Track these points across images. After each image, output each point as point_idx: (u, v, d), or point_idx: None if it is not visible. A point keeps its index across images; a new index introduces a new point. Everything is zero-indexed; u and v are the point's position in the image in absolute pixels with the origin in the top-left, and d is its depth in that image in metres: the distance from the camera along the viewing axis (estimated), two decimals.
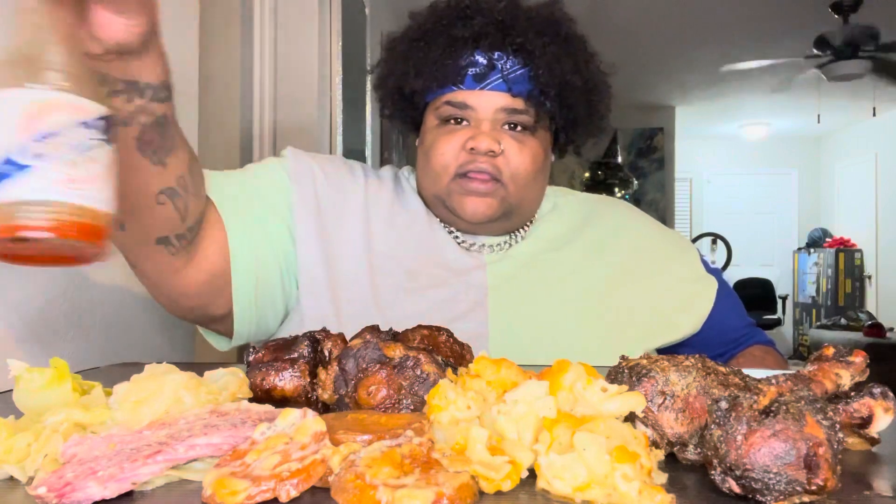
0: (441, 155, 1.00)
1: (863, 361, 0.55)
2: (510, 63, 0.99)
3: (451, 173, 1.00)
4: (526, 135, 1.01)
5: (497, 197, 1.00)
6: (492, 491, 0.42)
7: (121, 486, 0.42)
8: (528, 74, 0.99)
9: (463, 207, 1.00)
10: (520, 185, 1.01)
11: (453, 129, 1.01)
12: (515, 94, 0.99)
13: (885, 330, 5.20)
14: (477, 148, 0.97)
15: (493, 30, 0.99)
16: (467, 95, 1.00)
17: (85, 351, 1.03)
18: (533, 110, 1.00)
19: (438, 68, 0.99)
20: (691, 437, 0.48)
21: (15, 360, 0.56)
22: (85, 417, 0.50)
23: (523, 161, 1.00)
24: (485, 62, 0.99)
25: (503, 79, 0.99)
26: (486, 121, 1.00)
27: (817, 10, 4.33)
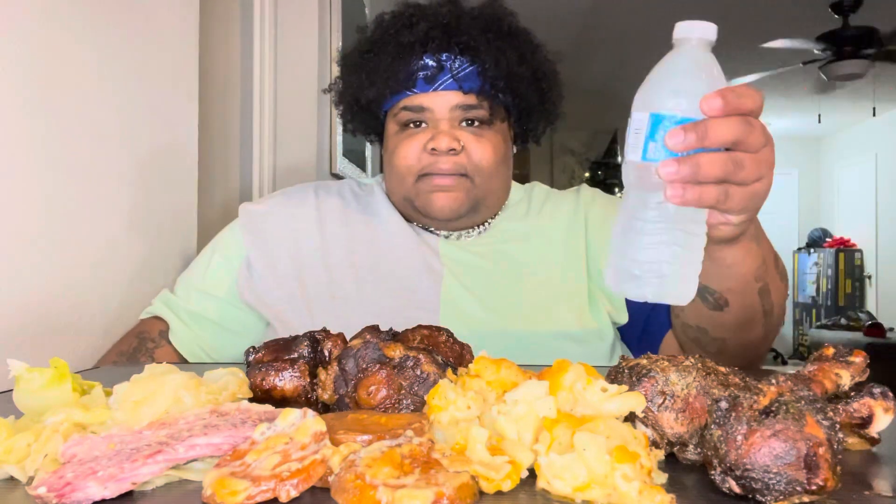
0: (404, 158, 1.05)
1: (863, 361, 0.55)
2: (458, 62, 1.03)
3: (415, 174, 1.05)
4: (483, 129, 1.05)
5: (463, 190, 1.04)
6: (492, 491, 0.42)
7: (121, 486, 0.42)
8: (477, 71, 1.03)
9: (431, 204, 1.04)
10: (485, 178, 1.05)
11: (413, 132, 1.05)
12: (467, 90, 1.03)
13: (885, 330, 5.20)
14: (438, 148, 1.02)
15: (439, 32, 1.03)
16: (422, 98, 1.04)
17: (85, 351, 1.03)
18: (486, 104, 1.04)
19: (390, 75, 1.04)
20: (691, 437, 0.48)
21: (15, 360, 0.56)
22: (85, 417, 0.50)
23: (485, 154, 1.04)
24: (434, 64, 1.03)
25: (453, 78, 1.03)
26: (443, 120, 1.04)
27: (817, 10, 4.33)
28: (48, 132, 0.95)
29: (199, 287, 1.11)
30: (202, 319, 1.09)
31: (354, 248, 1.10)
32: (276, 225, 1.13)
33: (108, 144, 1.09)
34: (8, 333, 0.88)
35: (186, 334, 1.08)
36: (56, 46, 0.97)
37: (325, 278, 1.07)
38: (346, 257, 1.09)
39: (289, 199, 1.17)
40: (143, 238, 1.19)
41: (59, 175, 0.98)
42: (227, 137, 1.83)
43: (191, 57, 1.35)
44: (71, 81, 1.00)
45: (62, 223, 0.98)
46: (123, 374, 0.59)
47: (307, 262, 1.09)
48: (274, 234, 1.12)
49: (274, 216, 1.14)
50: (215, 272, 1.11)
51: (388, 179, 1.11)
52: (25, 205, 0.92)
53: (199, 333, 1.09)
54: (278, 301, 1.07)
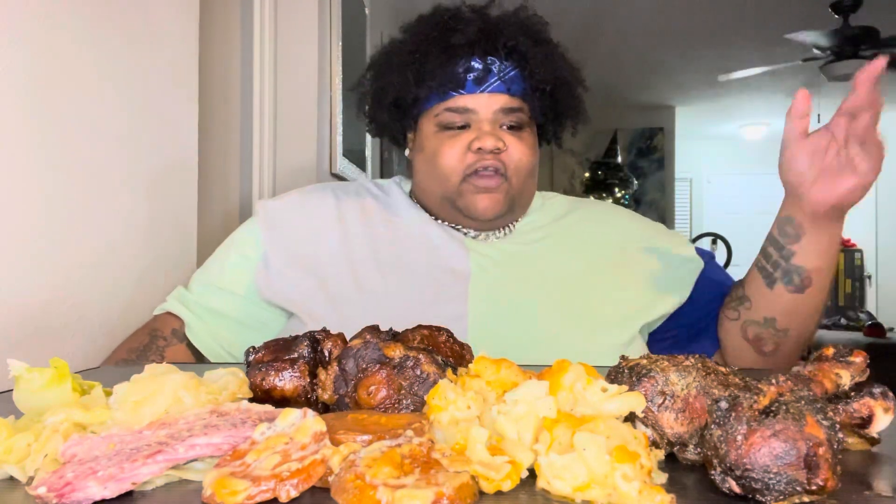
0: (448, 158, 1.06)
1: (863, 361, 0.54)
2: (504, 66, 1.07)
3: (460, 174, 1.06)
4: (522, 132, 1.08)
5: (503, 192, 1.07)
6: (492, 491, 0.42)
7: (121, 486, 0.42)
8: (522, 74, 1.07)
9: (475, 205, 1.07)
10: (521, 178, 1.08)
11: (455, 133, 1.07)
12: (513, 93, 1.06)
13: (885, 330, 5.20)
14: (483, 147, 1.04)
15: (486, 36, 1.06)
16: (468, 100, 1.06)
17: (85, 351, 1.03)
18: (527, 107, 1.08)
19: (440, 75, 1.06)
20: (691, 437, 0.48)
21: (15, 360, 0.56)
22: (85, 417, 0.50)
23: (524, 155, 1.07)
24: (481, 66, 1.06)
25: (501, 80, 1.06)
26: (486, 122, 1.06)
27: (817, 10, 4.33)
28: (48, 133, 0.95)
29: (217, 284, 1.10)
30: (221, 316, 1.08)
31: (376, 244, 1.10)
32: (295, 221, 1.13)
33: (108, 145, 1.09)
34: (8, 333, 0.88)
35: (204, 330, 1.07)
36: (56, 48, 0.97)
37: (348, 273, 1.07)
38: (370, 253, 1.09)
39: (307, 197, 1.17)
40: (144, 238, 1.19)
41: (59, 176, 0.98)
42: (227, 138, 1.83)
43: (191, 57, 1.35)
44: (71, 82, 1.00)
45: (62, 224, 0.98)
46: (123, 374, 0.59)
47: (329, 257, 1.09)
48: (293, 230, 1.12)
49: (292, 212, 1.14)
50: (233, 269, 1.11)
51: (427, 180, 1.11)
52: (26, 206, 0.91)
53: (217, 330, 1.08)
54: (301, 296, 1.06)
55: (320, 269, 1.08)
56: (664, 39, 4.99)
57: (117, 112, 1.11)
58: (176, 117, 1.30)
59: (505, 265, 1.09)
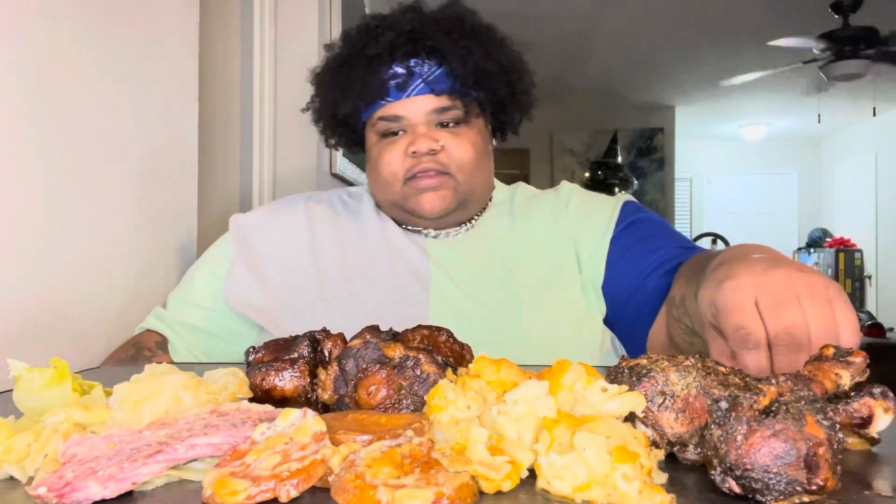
0: (388, 165, 1.08)
1: (863, 361, 0.54)
2: (427, 66, 1.07)
3: (402, 179, 1.08)
4: (460, 127, 1.08)
5: (449, 188, 1.07)
6: (492, 491, 0.42)
7: (121, 486, 0.42)
8: (446, 72, 1.07)
9: (421, 205, 1.07)
10: (467, 174, 1.08)
11: (393, 139, 1.09)
12: (438, 93, 1.06)
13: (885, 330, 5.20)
14: (418, 150, 1.05)
15: (405, 40, 1.06)
16: (396, 107, 1.07)
17: (85, 351, 1.03)
18: (460, 104, 1.07)
19: (362, 87, 1.07)
20: (691, 437, 0.48)
21: (15, 360, 0.56)
22: (85, 417, 0.50)
23: (465, 151, 1.07)
24: (404, 71, 1.07)
25: (424, 82, 1.06)
26: (420, 125, 1.07)
27: (817, 10, 4.33)
28: (48, 133, 0.95)
29: (187, 299, 1.14)
30: (195, 329, 1.12)
31: (344, 251, 1.12)
32: (266, 235, 1.16)
33: (108, 145, 1.09)
34: (8, 333, 0.88)
35: (181, 344, 1.10)
36: (56, 47, 0.97)
37: (315, 281, 1.09)
38: (337, 260, 1.11)
39: (279, 210, 1.20)
40: (144, 238, 1.19)
41: (59, 176, 0.98)
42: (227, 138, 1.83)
43: (191, 57, 1.35)
44: (71, 82, 1.00)
45: (62, 223, 0.98)
46: (123, 374, 0.59)
47: (298, 267, 1.11)
48: (263, 244, 1.15)
49: (263, 227, 1.17)
50: (201, 284, 1.14)
51: (374, 187, 1.14)
52: (26, 205, 0.91)
53: (192, 343, 1.11)
54: (269, 306, 1.09)
55: (287, 280, 1.10)
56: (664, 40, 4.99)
57: (117, 112, 1.11)
58: (176, 117, 1.30)
59: (464, 264, 1.10)
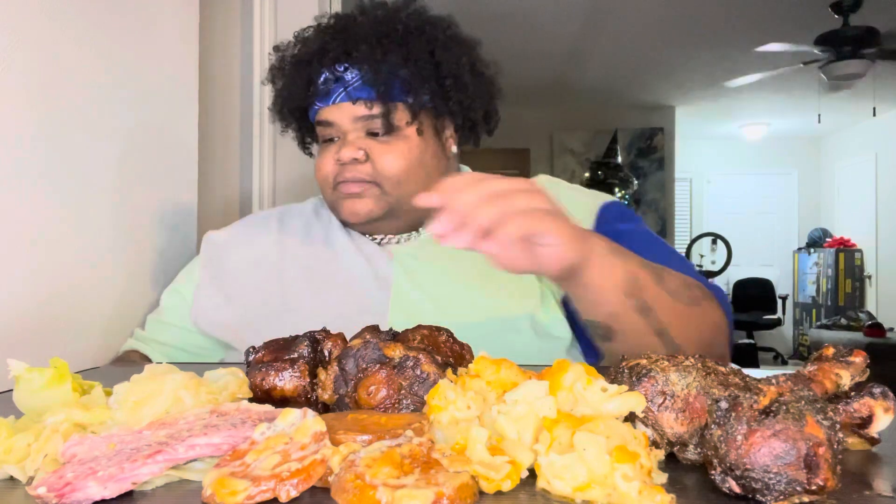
0: (321, 170, 1.08)
1: (863, 361, 0.54)
2: (350, 75, 1.04)
3: (331, 184, 1.07)
4: (391, 136, 1.05)
5: (371, 197, 1.05)
6: (492, 491, 0.42)
7: (121, 486, 0.42)
8: (363, 81, 1.03)
9: (343, 210, 1.07)
10: (394, 184, 1.05)
11: (328, 145, 1.08)
12: (355, 100, 1.03)
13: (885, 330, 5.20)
14: (341, 159, 1.04)
15: (336, 45, 1.03)
16: (327, 112, 1.06)
17: (85, 351, 1.03)
18: (382, 111, 1.03)
19: (295, 91, 1.07)
20: (691, 437, 0.48)
21: (15, 360, 0.56)
22: (85, 417, 0.50)
23: (392, 162, 1.04)
24: (331, 77, 1.04)
25: (345, 90, 1.04)
26: (349, 132, 1.05)
27: (817, 10, 4.33)
28: (48, 133, 0.95)
29: (158, 319, 1.15)
30: (169, 347, 1.13)
31: (312, 263, 1.11)
32: (235, 252, 1.16)
33: (107, 145, 1.09)
34: (8, 333, 0.88)
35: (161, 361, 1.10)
36: (56, 47, 0.97)
37: (280, 294, 1.08)
38: (303, 273, 1.10)
39: (251, 226, 1.20)
40: (144, 238, 1.19)
41: (58, 176, 0.98)
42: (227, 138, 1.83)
43: (191, 57, 1.35)
44: (70, 82, 1.00)
45: (62, 224, 0.98)
46: (123, 374, 0.59)
47: (264, 283, 1.10)
48: (231, 261, 1.14)
49: (233, 244, 1.17)
50: (170, 302, 1.15)
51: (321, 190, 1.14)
52: (25, 206, 0.91)
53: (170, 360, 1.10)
54: (233, 322, 1.09)
55: (255, 295, 1.09)
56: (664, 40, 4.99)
57: (117, 112, 1.11)
58: (176, 118, 1.30)
59: (425, 267, 1.07)
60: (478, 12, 4.23)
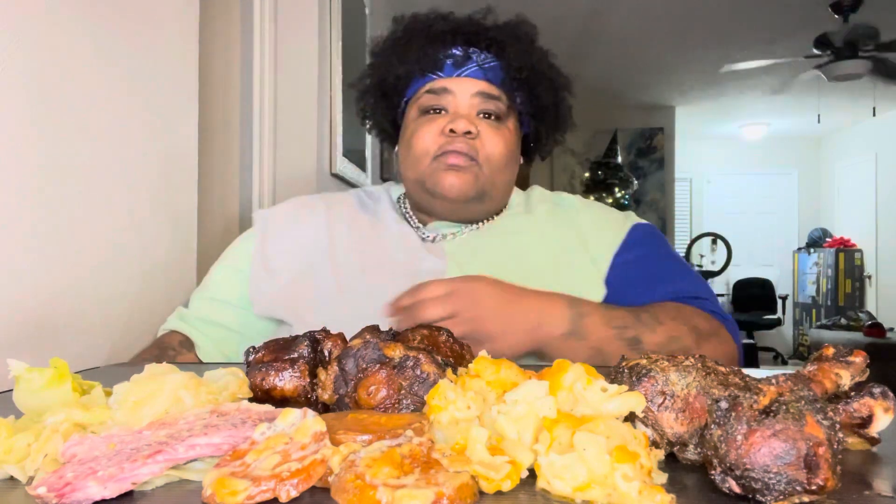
0: (422, 139, 1.09)
1: (863, 361, 0.54)
2: (484, 56, 1.11)
3: (432, 155, 1.09)
4: (499, 123, 1.11)
5: (472, 174, 1.08)
6: (492, 491, 0.42)
7: (121, 486, 0.42)
8: (501, 65, 1.11)
9: (441, 183, 1.08)
10: (493, 168, 1.10)
11: (433, 117, 1.10)
12: (489, 80, 1.10)
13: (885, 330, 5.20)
14: (456, 129, 1.07)
15: (469, 27, 1.11)
16: (446, 81, 1.10)
17: (85, 351, 1.03)
18: (505, 96, 1.11)
19: (420, 57, 1.11)
20: (691, 437, 0.48)
21: (15, 360, 0.56)
22: (85, 417, 0.50)
23: (497, 144, 1.09)
24: (461, 53, 1.10)
25: (479, 67, 1.10)
26: (463, 105, 1.10)
27: (817, 10, 4.33)
28: (48, 133, 0.95)
29: (213, 296, 1.13)
30: (221, 327, 1.11)
31: (362, 248, 1.13)
32: (287, 230, 1.17)
33: (107, 145, 1.09)
34: (8, 333, 0.88)
35: (208, 344, 1.09)
36: (55, 47, 0.97)
37: (332, 276, 1.09)
38: (354, 256, 1.12)
39: (300, 205, 1.22)
40: (144, 238, 1.19)
41: (59, 176, 0.98)
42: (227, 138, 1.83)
43: (191, 57, 1.35)
44: (71, 82, 1.00)
45: (62, 224, 0.98)
46: (123, 374, 0.59)
47: (316, 262, 1.12)
48: (284, 239, 1.15)
49: (285, 222, 1.18)
50: (225, 281, 1.14)
51: (405, 165, 1.15)
52: (25, 206, 0.91)
53: (220, 341, 1.10)
54: (288, 299, 1.09)
55: (307, 274, 1.11)
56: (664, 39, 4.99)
57: (117, 112, 1.11)
58: (176, 117, 1.30)
59: (480, 260, 1.10)
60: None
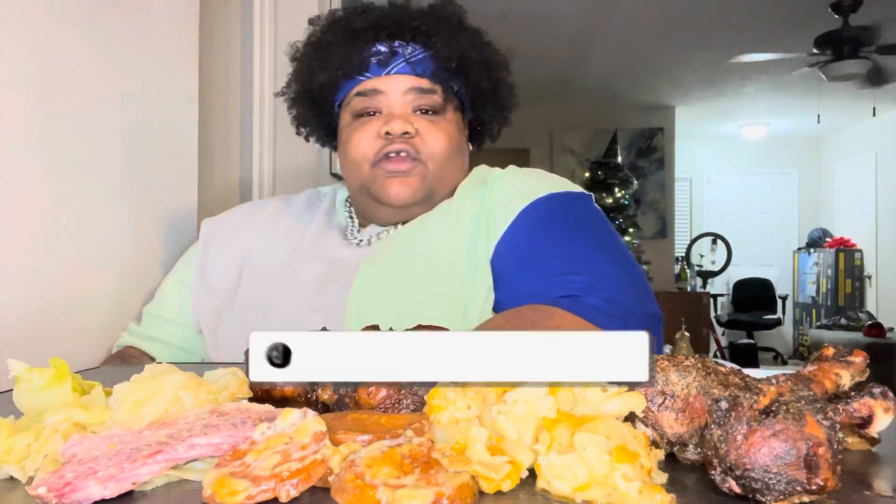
0: (358, 145, 1.03)
1: (863, 361, 0.54)
2: (411, 48, 1.03)
3: (370, 160, 1.02)
4: (438, 117, 1.04)
5: (418, 176, 1.02)
6: (492, 491, 0.42)
7: (121, 486, 0.42)
8: (429, 55, 1.03)
9: (387, 192, 1.01)
10: (438, 165, 1.03)
11: (367, 120, 1.03)
12: (420, 74, 1.02)
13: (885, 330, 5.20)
14: (392, 132, 1.00)
15: (391, 20, 1.03)
16: (375, 82, 1.03)
17: (85, 351, 1.03)
18: (439, 89, 1.03)
19: (342, 60, 1.03)
20: (691, 437, 0.48)
21: (15, 360, 0.56)
22: (85, 417, 0.50)
23: (439, 140, 1.02)
24: (386, 49, 1.03)
25: (406, 62, 1.03)
26: (396, 104, 1.02)
27: (817, 10, 4.33)
28: (47, 132, 0.95)
29: (156, 313, 1.10)
30: (166, 345, 1.08)
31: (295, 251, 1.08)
32: (224, 239, 1.12)
33: (107, 145, 1.09)
34: (8, 333, 0.88)
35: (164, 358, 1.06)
36: (55, 47, 0.97)
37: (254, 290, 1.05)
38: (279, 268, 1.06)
39: (248, 212, 1.17)
40: (143, 238, 1.19)
41: (58, 176, 0.98)
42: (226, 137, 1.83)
43: (191, 57, 1.35)
44: (70, 81, 1.00)
45: (62, 224, 0.98)
46: (123, 374, 0.59)
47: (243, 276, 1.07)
48: (224, 249, 1.11)
49: (229, 229, 1.13)
50: (170, 294, 1.11)
51: (344, 171, 1.09)
52: (25, 206, 0.91)
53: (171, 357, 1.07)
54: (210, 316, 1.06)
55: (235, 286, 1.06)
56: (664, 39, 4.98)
57: (117, 112, 1.11)
58: (175, 116, 1.30)
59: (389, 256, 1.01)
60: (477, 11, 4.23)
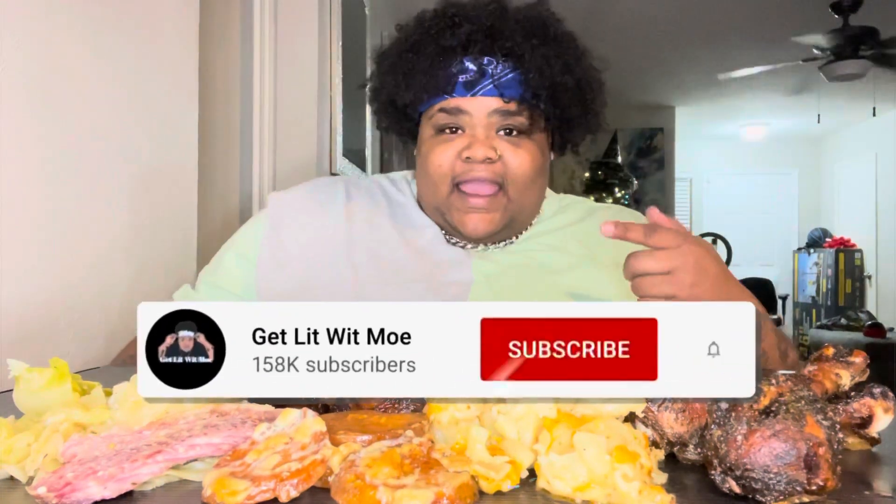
0: (438, 165, 1.00)
1: (863, 361, 0.54)
2: (500, 68, 0.99)
3: (449, 183, 0.99)
4: (522, 138, 1.00)
5: (499, 209, 1.00)
6: (492, 491, 0.42)
7: (121, 486, 0.42)
8: (519, 78, 0.98)
9: (464, 224, 1.00)
10: (520, 190, 1.00)
11: (448, 137, 1.00)
12: (507, 98, 0.98)
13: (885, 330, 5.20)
14: (473, 157, 0.97)
15: (482, 36, 0.98)
16: (460, 101, 0.99)
17: (85, 351, 1.03)
18: (527, 112, 0.99)
19: (428, 78, 0.99)
20: (691, 437, 0.48)
21: (15, 360, 0.56)
22: (85, 417, 0.50)
23: (521, 164, 0.99)
24: (475, 69, 0.98)
25: (494, 84, 0.98)
26: (480, 126, 0.99)
27: (817, 10, 4.33)
28: (48, 133, 0.95)
29: (216, 283, 1.07)
30: None
31: (380, 250, 1.05)
32: (302, 218, 1.08)
33: (107, 145, 1.09)
34: (8, 333, 0.88)
35: None
36: (56, 47, 0.97)
37: (349, 277, 1.03)
38: (372, 259, 1.04)
39: (318, 193, 1.12)
40: (143, 238, 1.19)
41: (58, 176, 0.98)
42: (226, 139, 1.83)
43: (191, 57, 1.35)
44: (71, 82, 1.00)
45: (62, 224, 0.98)
46: (123, 374, 0.59)
47: (329, 257, 1.05)
48: (298, 229, 1.08)
49: (301, 209, 1.09)
50: (231, 268, 1.07)
51: (420, 184, 1.07)
52: (26, 206, 0.91)
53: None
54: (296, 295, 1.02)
55: (317, 268, 1.04)
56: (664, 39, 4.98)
57: (117, 112, 1.11)
58: (176, 117, 1.30)
59: (508, 275, 1.03)
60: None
